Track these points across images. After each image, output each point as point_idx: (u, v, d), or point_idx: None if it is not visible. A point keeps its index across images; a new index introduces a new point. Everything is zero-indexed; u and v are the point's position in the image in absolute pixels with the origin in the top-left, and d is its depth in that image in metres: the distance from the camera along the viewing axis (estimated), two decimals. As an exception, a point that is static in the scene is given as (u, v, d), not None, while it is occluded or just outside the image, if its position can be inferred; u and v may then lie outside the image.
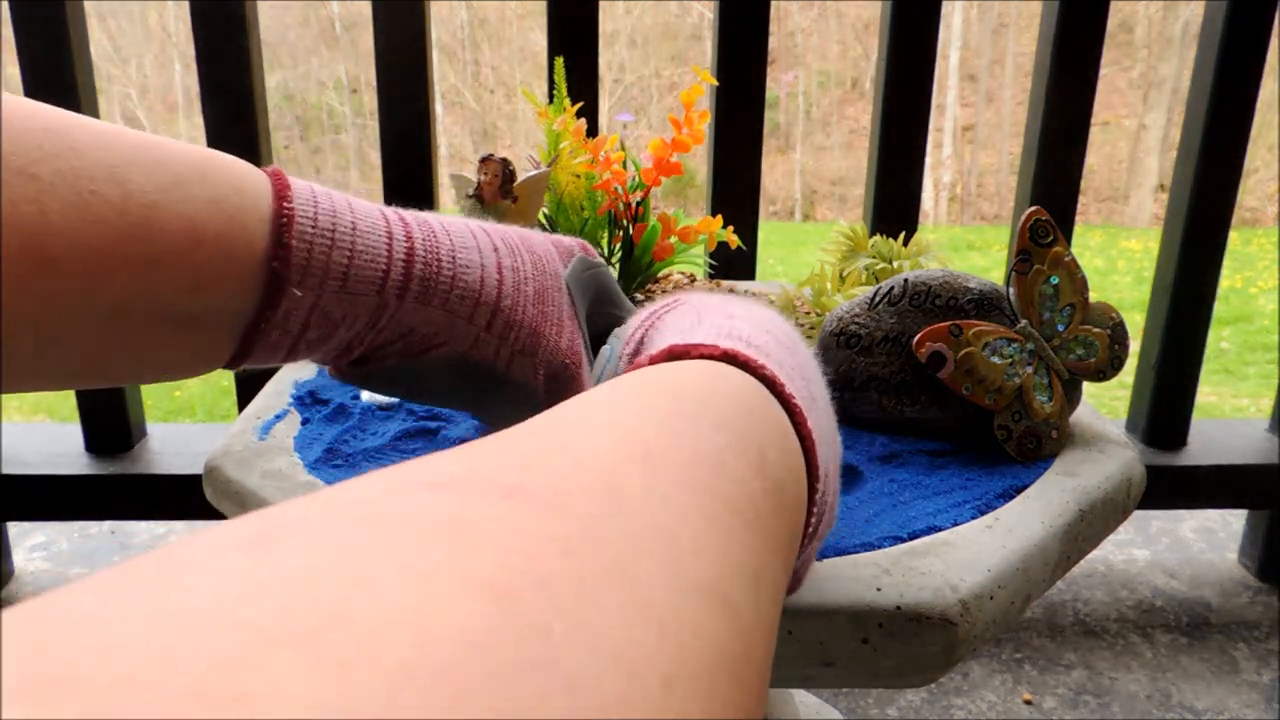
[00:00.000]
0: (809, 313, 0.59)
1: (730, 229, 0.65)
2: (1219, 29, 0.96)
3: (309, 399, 0.51)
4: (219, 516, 0.50)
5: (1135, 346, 0.69)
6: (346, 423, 0.48)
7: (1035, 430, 0.45)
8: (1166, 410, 1.08)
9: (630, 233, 0.63)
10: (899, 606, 0.33)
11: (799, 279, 0.62)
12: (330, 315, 0.33)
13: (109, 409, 1.03)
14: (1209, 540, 1.20)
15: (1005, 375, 0.45)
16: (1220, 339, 3.49)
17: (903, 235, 0.65)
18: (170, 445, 1.06)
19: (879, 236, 0.63)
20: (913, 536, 0.37)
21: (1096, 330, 0.47)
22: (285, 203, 0.31)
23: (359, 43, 9.03)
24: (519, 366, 0.38)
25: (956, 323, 0.44)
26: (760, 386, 0.24)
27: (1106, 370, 0.47)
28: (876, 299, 0.47)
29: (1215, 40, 0.97)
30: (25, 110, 0.27)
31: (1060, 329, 0.46)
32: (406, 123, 0.96)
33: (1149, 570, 1.13)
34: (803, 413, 0.24)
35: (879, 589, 0.34)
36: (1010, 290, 0.46)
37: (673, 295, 0.32)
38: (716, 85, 0.96)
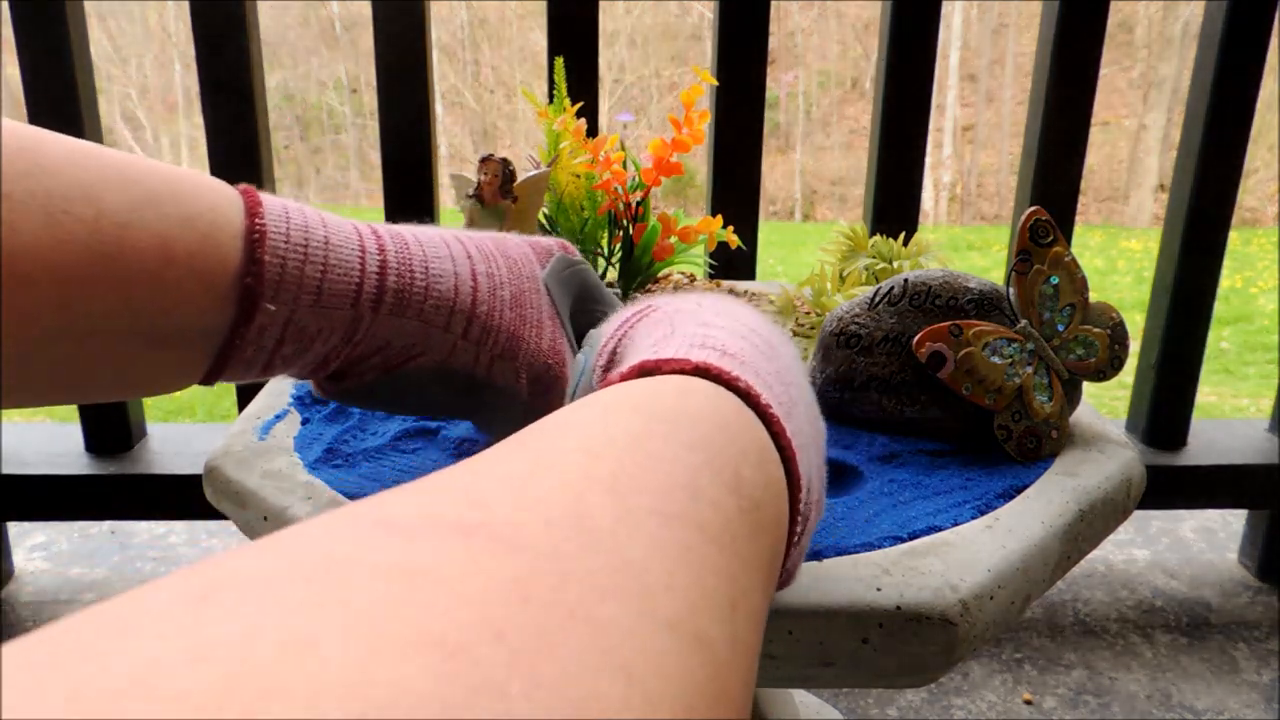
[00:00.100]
0: (809, 313, 0.59)
1: (730, 229, 0.65)
2: (1219, 29, 0.96)
3: (309, 399, 0.51)
4: (219, 516, 0.50)
5: (1135, 346, 0.69)
6: (346, 423, 0.48)
7: (1035, 430, 0.45)
8: (1166, 410, 1.08)
9: (630, 233, 0.63)
10: (899, 606, 0.33)
11: (799, 279, 0.62)
12: (305, 330, 0.33)
13: (109, 409, 1.03)
14: (1209, 540, 1.20)
15: (1005, 375, 0.45)
16: (1220, 339, 3.49)
17: (903, 235, 0.65)
18: (170, 445, 1.06)
19: (879, 236, 0.63)
20: (913, 536, 0.37)
21: (1096, 330, 0.47)
22: (257, 219, 0.32)
23: (359, 43, 9.03)
24: (500, 370, 0.38)
25: (956, 323, 0.44)
26: (735, 399, 0.23)
27: (1106, 370, 0.47)
28: (876, 299, 0.47)
29: (1215, 40, 0.97)
30: None
31: (1060, 329, 0.46)
32: (406, 123, 0.96)
33: (1149, 570, 1.13)
34: (780, 422, 0.23)
35: (879, 589, 0.34)
36: (1010, 290, 0.46)
37: (645, 300, 0.32)
38: (716, 85, 0.96)
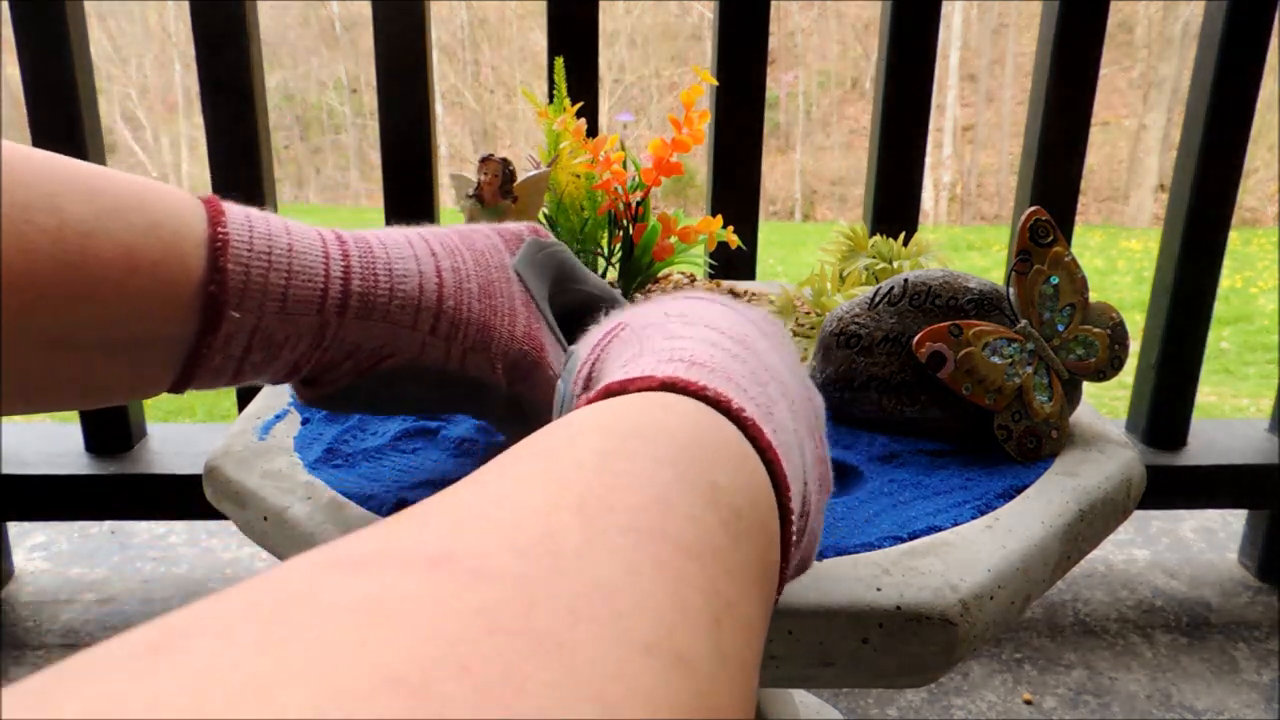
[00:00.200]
0: (809, 313, 0.59)
1: (730, 229, 0.65)
2: (1219, 29, 0.96)
3: (309, 399, 0.51)
4: (219, 516, 0.50)
5: (1135, 346, 0.69)
6: (346, 423, 0.48)
7: (1035, 430, 0.45)
8: (1166, 410, 1.08)
9: (630, 233, 0.63)
10: (899, 606, 0.33)
11: (799, 279, 0.62)
12: (273, 337, 0.33)
13: (109, 409, 1.03)
14: (1209, 540, 1.20)
15: (1005, 375, 0.45)
16: (1220, 339, 3.49)
17: (903, 235, 0.65)
18: (170, 445, 1.06)
19: (879, 236, 0.63)
20: (913, 536, 0.37)
21: (1096, 330, 0.47)
22: (220, 227, 0.32)
23: (359, 43, 9.03)
24: (474, 363, 0.38)
25: (956, 323, 0.44)
26: (705, 408, 0.23)
27: (1106, 370, 0.47)
28: (876, 299, 0.47)
29: (1215, 40, 0.97)
30: None
31: (1060, 329, 0.46)
32: (406, 123, 0.96)
33: (1149, 570, 1.13)
34: (756, 424, 0.23)
35: (879, 589, 0.34)
36: (1010, 290, 0.46)
37: (615, 317, 0.31)
38: (716, 85, 0.96)
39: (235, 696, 0.11)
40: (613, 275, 0.66)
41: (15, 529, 1.16)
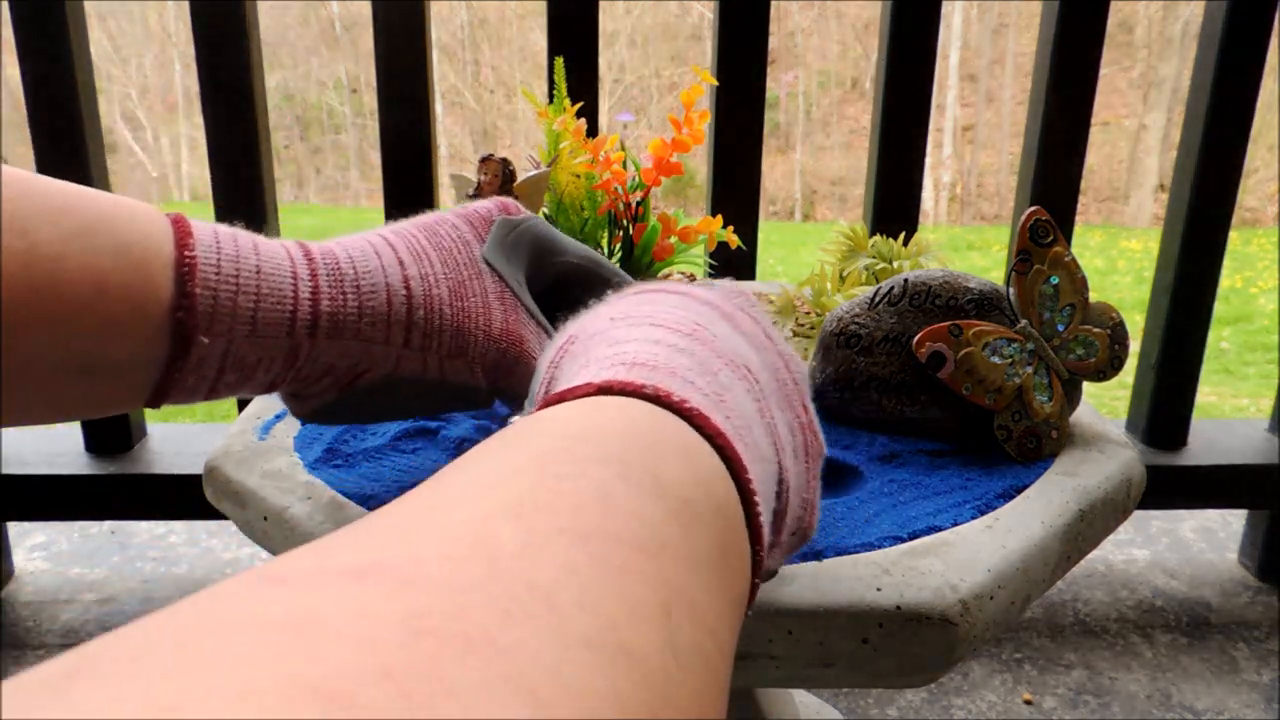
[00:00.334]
0: (809, 313, 0.59)
1: (730, 229, 0.65)
2: (1219, 29, 0.96)
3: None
4: (219, 516, 0.50)
5: (1135, 346, 0.69)
6: (346, 423, 0.48)
7: (1035, 430, 0.45)
8: (1166, 410, 1.08)
9: (630, 233, 0.63)
10: (899, 606, 0.33)
11: (799, 279, 0.62)
12: (244, 359, 0.33)
13: (109, 409, 1.03)
14: (1209, 540, 1.20)
15: (1005, 375, 0.45)
16: (1220, 339, 3.49)
17: (903, 235, 0.65)
18: (170, 445, 1.06)
19: (879, 236, 0.63)
20: (913, 536, 0.37)
21: (1096, 330, 0.47)
22: (186, 251, 0.31)
23: (359, 43, 9.03)
24: (452, 369, 0.38)
25: (956, 323, 0.44)
26: (647, 405, 0.22)
27: (1106, 370, 0.47)
28: (876, 299, 0.47)
29: (1215, 40, 0.97)
30: None
31: (1060, 329, 0.46)
32: (406, 123, 0.96)
33: (1149, 570, 1.13)
34: (702, 413, 0.22)
35: (879, 589, 0.34)
36: (1010, 290, 0.46)
37: (565, 330, 0.30)
38: (716, 85, 0.96)
39: (146, 717, 0.10)
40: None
41: (15, 529, 1.16)
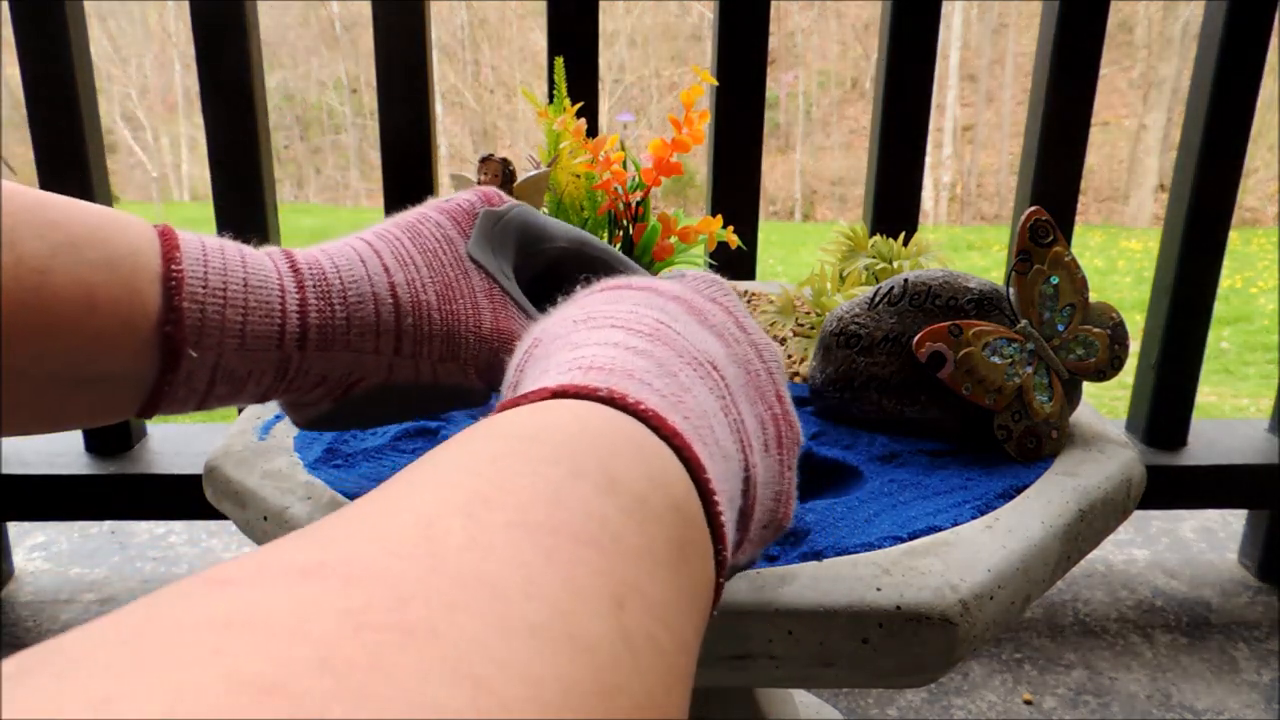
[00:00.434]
0: (809, 313, 0.59)
1: (730, 229, 0.65)
2: (1219, 29, 0.96)
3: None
4: (219, 516, 0.50)
5: (1135, 346, 0.69)
6: (346, 423, 0.48)
7: (1035, 430, 0.45)
8: (1166, 410, 1.08)
9: (630, 233, 0.63)
10: (899, 606, 0.33)
11: (799, 279, 0.62)
12: (234, 372, 0.33)
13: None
14: (1209, 540, 1.20)
15: (1005, 375, 0.45)
16: (1220, 339, 3.49)
17: (903, 235, 0.65)
18: (170, 445, 1.06)
19: (879, 236, 0.63)
20: (913, 536, 0.37)
21: (1096, 330, 0.47)
22: (174, 265, 0.31)
23: (359, 43, 9.03)
24: (445, 372, 0.38)
25: (956, 323, 0.44)
26: (600, 407, 0.22)
27: (1106, 370, 0.47)
28: (876, 299, 0.47)
29: (1215, 40, 0.97)
30: None
31: (1060, 329, 0.46)
32: (406, 123, 0.96)
33: (1149, 570, 1.13)
34: (658, 414, 0.23)
35: (879, 589, 0.34)
36: (1010, 290, 0.46)
37: (531, 332, 0.30)
38: (716, 85, 0.96)
39: (76, 713, 0.10)
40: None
41: (15, 529, 1.16)
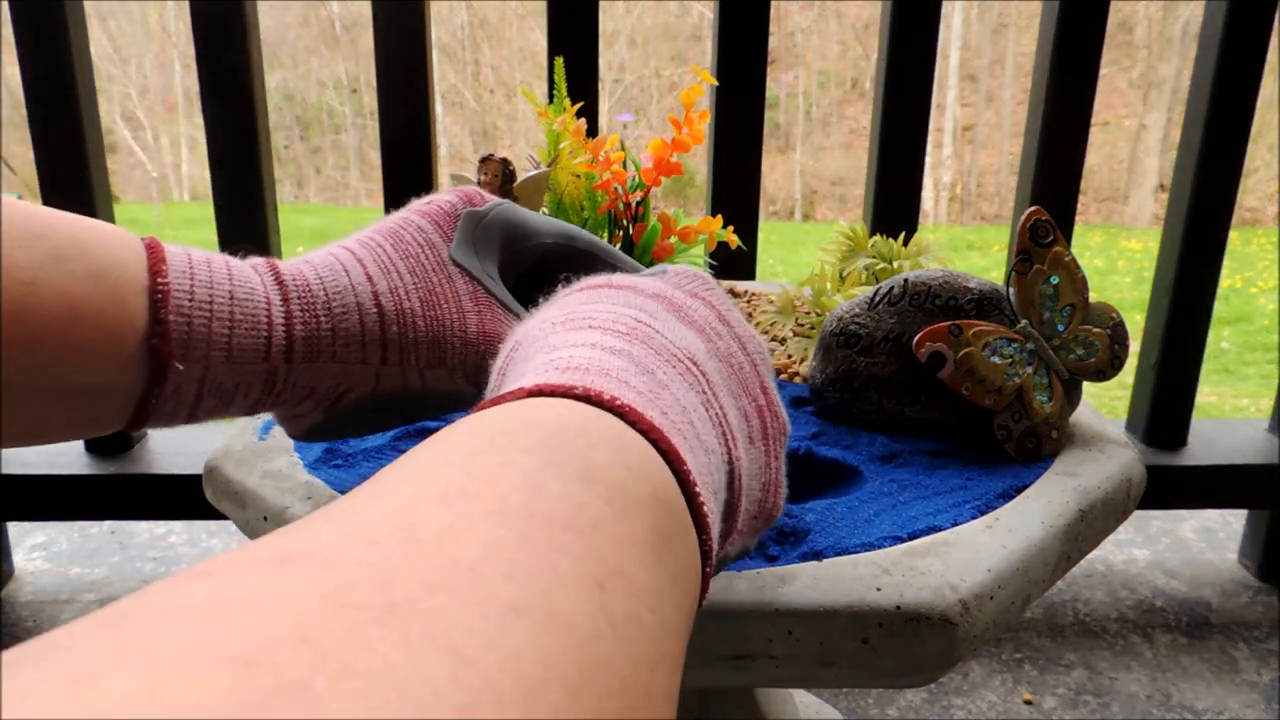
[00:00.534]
0: (809, 313, 0.59)
1: (730, 229, 0.65)
2: (1219, 29, 0.96)
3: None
4: (219, 516, 0.50)
5: (1135, 346, 0.69)
6: (346, 423, 0.48)
7: (1035, 430, 0.45)
8: (1166, 410, 1.08)
9: (630, 233, 0.63)
10: (899, 606, 0.33)
11: (799, 279, 0.62)
12: (222, 385, 0.33)
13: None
14: (1209, 540, 1.20)
15: (1005, 375, 0.45)
16: (1220, 339, 3.49)
17: (903, 235, 0.65)
18: (170, 445, 1.06)
19: (879, 236, 0.63)
20: (913, 536, 0.37)
21: (1096, 330, 0.47)
22: (160, 277, 0.31)
23: (359, 43, 9.04)
24: (433, 378, 0.38)
25: (956, 323, 0.44)
26: (577, 404, 0.23)
27: (1106, 370, 0.47)
28: (876, 299, 0.47)
29: (1215, 40, 0.97)
30: None
31: (1060, 329, 0.46)
32: (406, 123, 0.96)
33: (1149, 570, 1.13)
34: (635, 409, 0.23)
35: (879, 589, 0.34)
36: (1010, 290, 0.46)
37: (513, 335, 0.30)
38: (716, 85, 0.96)
39: (59, 691, 0.10)
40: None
41: (15, 529, 1.16)
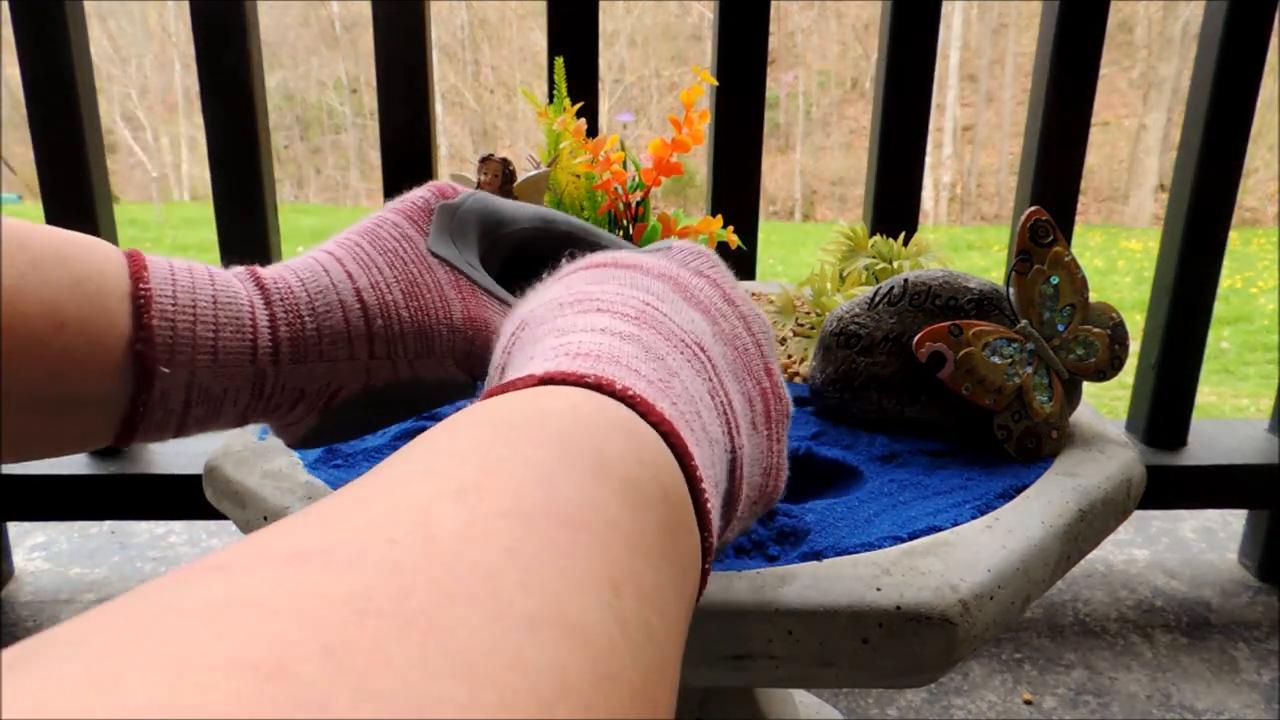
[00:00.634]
0: (809, 313, 0.59)
1: (730, 229, 0.65)
2: (1219, 29, 0.96)
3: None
4: (219, 516, 0.50)
5: (1135, 346, 0.69)
6: (346, 423, 0.48)
7: (1035, 430, 0.45)
8: (1166, 410, 1.08)
9: (630, 233, 0.63)
10: (899, 606, 0.33)
11: (799, 279, 0.62)
12: (210, 390, 0.33)
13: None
14: (1209, 540, 1.20)
15: (1005, 375, 0.45)
16: (1220, 339, 3.49)
17: (903, 235, 0.65)
18: (170, 445, 1.06)
19: (879, 236, 0.63)
20: (913, 536, 0.37)
21: (1096, 330, 0.47)
22: (142, 283, 0.31)
23: (359, 43, 9.04)
24: (424, 368, 0.38)
25: (956, 323, 0.44)
26: (589, 393, 0.22)
27: (1106, 370, 0.47)
28: (876, 299, 0.47)
29: (1215, 40, 0.96)
30: None
31: (1060, 329, 0.46)
32: (406, 122, 0.96)
33: (1149, 570, 1.13)
34: (645, 400, 0.23)
35: (879, 589, 0.34)
36: (1010, 290, 0.46)
37: (516, 314, 0.30)
38: (716, 85, 0.96)
39: (80, 693, 0.10)
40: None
41: (15, 529, 1.16)
